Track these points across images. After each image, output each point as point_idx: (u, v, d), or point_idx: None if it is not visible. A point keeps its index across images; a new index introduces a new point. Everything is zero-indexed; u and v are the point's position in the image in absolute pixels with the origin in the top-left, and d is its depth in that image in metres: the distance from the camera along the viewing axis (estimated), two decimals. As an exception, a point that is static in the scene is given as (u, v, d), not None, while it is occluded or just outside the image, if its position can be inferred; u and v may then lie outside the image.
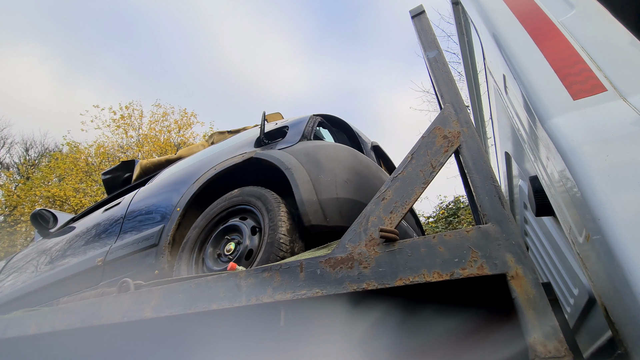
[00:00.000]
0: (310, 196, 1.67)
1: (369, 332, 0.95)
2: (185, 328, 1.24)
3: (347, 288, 0.89)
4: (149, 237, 2.13)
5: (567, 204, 0.90)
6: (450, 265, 0.81)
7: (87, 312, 1.40)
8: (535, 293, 0.71)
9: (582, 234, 0.85)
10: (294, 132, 2.13)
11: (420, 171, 1.02)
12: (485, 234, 0.82)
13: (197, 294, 1.14)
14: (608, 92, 0.89)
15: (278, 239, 1.52)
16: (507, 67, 1.13)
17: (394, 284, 0.84)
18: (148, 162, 3.34)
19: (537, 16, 1.15)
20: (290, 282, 0.99)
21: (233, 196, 1.92)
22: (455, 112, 1.11)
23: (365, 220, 1.01)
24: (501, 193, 0.90)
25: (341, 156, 1.90)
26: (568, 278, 1.60)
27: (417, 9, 1.66)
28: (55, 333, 1.45)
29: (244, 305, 1.01)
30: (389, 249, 0.91)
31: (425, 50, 1.44)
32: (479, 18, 1.37)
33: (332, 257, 0.97)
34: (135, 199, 2.58)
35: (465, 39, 2.14)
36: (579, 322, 1.65)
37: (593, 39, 1.02)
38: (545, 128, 0.92)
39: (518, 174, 1.78)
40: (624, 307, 0.73)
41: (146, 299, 1.26)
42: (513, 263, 0.76)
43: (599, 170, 0.78)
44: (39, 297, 2.46)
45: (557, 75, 0.99)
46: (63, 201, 12.59)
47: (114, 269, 2.18)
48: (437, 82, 1.29)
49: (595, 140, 0.83)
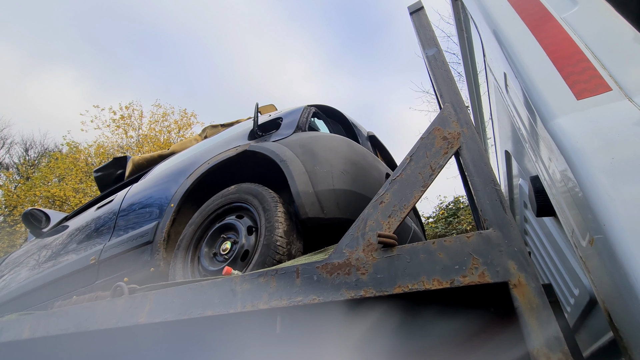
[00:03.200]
0: (306, 188, 1.63)
1: (366, 338, 0.93)
2: (180, 334, 1.22)
3: (344, 295, 0.87)
4: (143, 234, 2.10)
5: (569, 205, 0.88)
6: (451, 273, 0.78)
7: (81, 317, 1.38)
8: (538, 302, 0.68)
9: (585, 238, 0.83)
10: (288, 124, 2.08)
11: (419, 174, 0.99)
12: (487, 240, 0.80)
13: (192, 300, 1.11)
14: (613, 91, 0.86)
15: (275, 241, 1.49)
16: (508, 65, 1.10)
17: (392, 291, 0.81)
18: (140, 158, 3.31)
19: (539, 12, 1.12)
20: (286, 288, 0.96)
21: (229, 193, 1.88)
22: (455, 112, 1.08)
23: (363, 224, 0.98)
24: (503, 197, 0.88)
25: (337, 147, 1.86)
26: (569, 278, 1.58)
27: (416, 5, 1.62)
28: (49, 337, 1.43)
29: (239, 311, 0.99)
30: (387, 255, 0.88)
31: (424, 48, 1.41)
32: (479, 14, 1.34)
33: (329, 263, 0.95)
34: (128, 195, 2.54)
35: (464, 36, 2.10)
36: (579, 321, 1.64)
37: (597, 36, 0.99)
38: (547, 128, 0.89)
39: (518, 173, 1.75)
40: (628, 313, 0.71)
41: (140, 303, 1.23)
42: (515, 270, 0.73)
43: (604, 173, 0.76)
44: (33, 298, 2.43)
45: (560, 73, 0.96)
46: (63, 201, 12.56)
47: (109, 267, 2.15)
48: (437, 81, 1.26)
49: (599, 142, 0.80)
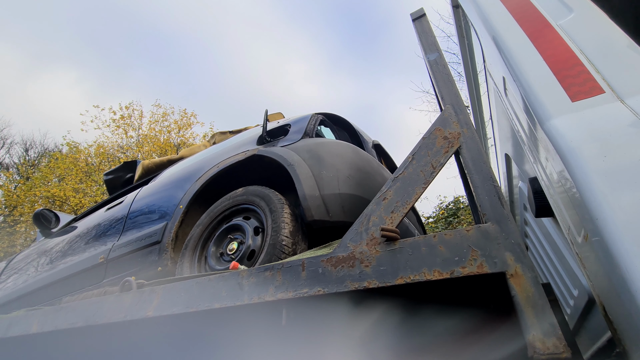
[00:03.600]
0: (312, 191, 1.67)
1: (370, 331, 0.96)
2: (187, 327, 1.25)
3: (348, 286, 0.90)
4: (152, 234, 2.14)
5: (566, 204, 0.91)
6: (451, 264, 0.82)
7: (89, 311, 1.41)
8: (534, 291, 0.72)
9: (580, 234, 0.86)
10: (295, 130, 2.14)
11: (420, 171, 1.03)
12: (485, 234, 0.83)
13: (199, 293, 1.14)
14: (606, 94, 0.90)
15: (280, 240, 1.53)
16: (507, 70, 1.14)
17: (394, 282, 0.85)
18: (150, 162, 3.36)
19: (537, 20, 1.17)
20: (292, 281, 1.00)
21: (237, 195, 1.93)
22: (456, 114, 1.13)
23: (367, 219, 1.02)
24: (501, 193, 0.91)
25: (343, 153, 1.91)
26: (568, 279, 1.61)
27: (418, 12, 1.67)
28: (57, 332, 1.45)
29: (246, 304, 1.02)
30: (390, 248, 0.92)
31: (426, 53, 1.46)
32: (479, 21, 1.39)
33: (333, 256, 0.98)
34: (138, 197, 2.59)
35: (465, 41, 2.16)
36: (579, 323, 1.65)
37: (591, 42, 1.03)
38: (544, 129, 0.93)
39: (518, 175, 1.79)
40: (622, 306, 0.73)
41: (148, 298, 1.26)
42: (512, 262, 0.77)
43: (598, 170, 0.79)
44: (42, 296, 2.46)
45: (556, 77, 1.00)
46: (63, 201, 12.59)
47: (117, 266, 2.19)
48: (438, 84, 1.31)
49: (593, 141, 0.84)
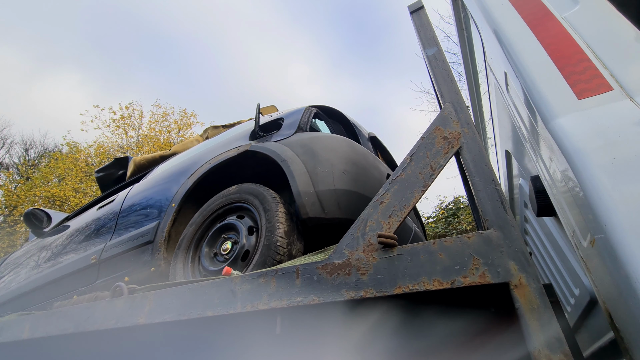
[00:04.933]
0: (307, 188, 1.63)
1: (366, 339, 0.93)
2: (179, 334, 1.22)
3: (344, 295, 0.87)
4: (144, 233, 2.10)
5: (570, 205, 0.87)
6: (451, 273, 0.78)
7: (80, 317, 1.38)
8: (539, 303, 0.68)
9: (586, 238, 0.82)
10: (289, 124, 2.08)
11: (419, 174, 0.99)
12: (487, 241, 0.79)
13: (191, 300, 1.11)
14: (614, 91, 0.86)
15: (275, 241, 1.49)
16: (509, 64, 1.09)
17: (392, 292, 0.81)
18: (142, 159, 3.31)
19: (540, 11, 1.12)
20: (286, 289, 0.96)
21: (230, 193, 1.88)
22: (456, 112, 1.08)
23: (363, 224, 0.98)
24: (503, 197, 0.87)
25: (338, 147, 1.85)
26: (569, 278, 1.58)
27: (416, 4, 1.61)
28: (49, 338, 1.42)
29: (239, 312, 0.99)
30: (388, 255, 0.88)
31: (424, 47, 1.40)
32: (479, 13, 1.33)
33: (329, 263, 0.95)
34: (130, 195, 2.55)
35: (465, 35, 2.10)
36: (580, 321, 1.64)
37: (598, 35, 0.99)
38: (548, 128, 0.89)
39: (518, 172, 1.75)
40: (630, 315, 0.70)
41: (140, 304, 1.23)
42: (516, 271, 0.73)
43: (605, 173, 0.75)
44: (34, 298, 2.44)
45: (561, 73, 0.96)
46: (63, 201, 12.56)
47: (110, 266, 2.16)
48: (437, 81, 1.25)
49: (601, 142, 0.80)
